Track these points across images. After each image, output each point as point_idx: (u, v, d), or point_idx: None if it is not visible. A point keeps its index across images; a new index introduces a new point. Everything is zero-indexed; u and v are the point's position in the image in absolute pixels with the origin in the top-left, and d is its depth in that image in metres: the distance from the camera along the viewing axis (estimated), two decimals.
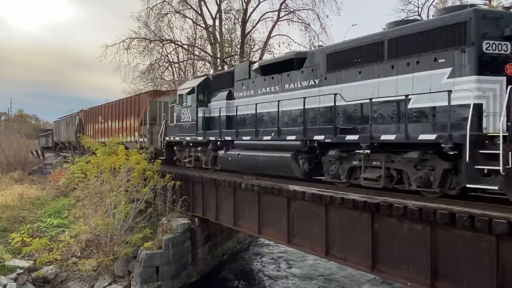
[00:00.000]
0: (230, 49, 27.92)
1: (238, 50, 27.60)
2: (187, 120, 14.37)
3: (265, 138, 10.65)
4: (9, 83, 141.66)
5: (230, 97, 12.78)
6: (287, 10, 28.09)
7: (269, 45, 28.45)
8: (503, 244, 5.63)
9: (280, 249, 17.23)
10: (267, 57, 26.59)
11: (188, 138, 14.25)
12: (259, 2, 28.19)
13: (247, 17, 28.35)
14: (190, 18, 29.48)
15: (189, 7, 28.89)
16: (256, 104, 11.12)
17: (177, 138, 14.94)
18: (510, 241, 5.54)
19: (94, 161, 14.04)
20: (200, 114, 13.53)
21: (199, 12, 28.71)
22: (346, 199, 7.71)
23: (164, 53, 30.39)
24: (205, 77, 14.50)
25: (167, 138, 15.62)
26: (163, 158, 15.66)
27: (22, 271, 11.70)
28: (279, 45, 28.03)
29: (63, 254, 12.02)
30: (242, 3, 28.16)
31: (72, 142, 28.32)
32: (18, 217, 15.52)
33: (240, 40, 28.31)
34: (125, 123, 20.16)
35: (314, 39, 27.42)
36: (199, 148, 13.91)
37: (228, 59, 26.39)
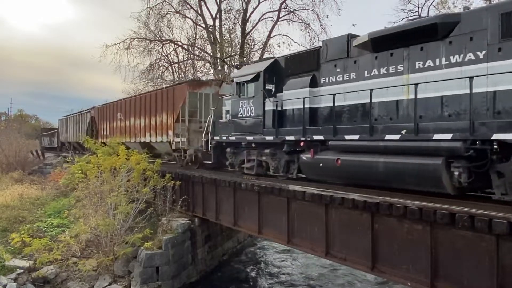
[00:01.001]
0: (230, 49, 27.96)
1: (238, 50, 27.62)
2: (247, 115, 11.44)
3: (388, 137, 7.68)
4: (9, 83, 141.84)
5: (313, 83, 9.79)
6: (287, 10, 28.17)
7: (269, 45, 28.53)
8: (503, 244, 5.63)
9: (280, 249, 17.23)
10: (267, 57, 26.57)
11: (250, 138, 11.29)
12: (259, 2, 28.28)
13: (247, 17, 28.40)
14: (190, 18, 29.58)
15: (189, 7, 28.99)
16: (357, 91, 8.60)
17: (233, 138, 11.97)
18: (510, 241, 5.54)
19: (95, 161, 14.04)
20: (269, 107, 10.69)
21: (199, 12, 28.78)
22: (346, 199, 7.71)
23: (164, 53, 30.50)
24: (273, 59, 11.34)
25: (216, 138, 12.72)
26: (208, 162, 13.14)
27: (22, 271, 11.70)
28: (279, 45, 28.11)
29: (63, 254, 12.02)
30: (242, 3, 28.23)
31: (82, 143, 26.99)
32: (18, 217, 15.52)
33: (240, 40, 28.34)
34: (154, 120, 17.12)
35: (314, 39, 27.49)
36: (266, 151, 10.84)
37: (228, 59, 26.40)
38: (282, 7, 27.98)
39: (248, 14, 28.34)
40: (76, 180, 13.98)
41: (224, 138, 12.38)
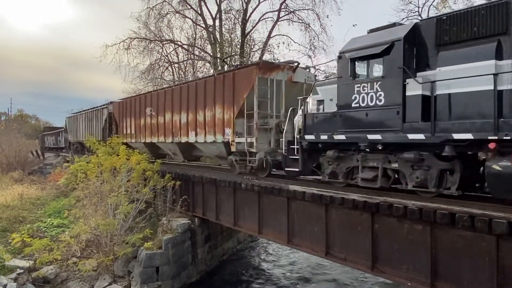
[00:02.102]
0: (230, 49, 27.94)
1: (238, 50, 27.61)
2: (370, 104, 8.12)
3: None
4: (9, 83, 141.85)
5: (499, 54, 6.52)
6: (287, 10, 28.12)
7: (269, 45, 28.49)
8: (503, 244, 5.63)
9: (281, 249, 17.25)
10: (266, 57, 26.50)
11: (375, 137, 7.97)
12: (259, 2, 28.23)
13: (247, 17, 28.38)
14: (190, 18, 29.56)
15: (189, 7, 28.95)
16: None
17: (340, 137, 8.63)
18: (510, 241, 5.54)
19: (95, 161, 14.04)
20: (414, 92, 7.40)
21: (199, 12, 28.77)
22: (346, 199, 7.71)
23: (164, 53, 30.47)
24: (413, 24, 8.01)
25: (309, 138, 9.47)
26: (290, 169, 10.09)
27: (22, 271, 11.70)
28: (279, 45, 28.08)
29: (63, 254, 12.03)
30: (242, 3, 28.21)
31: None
32: (18, 217, 15.54)
33: (240, 40, 28.33)
34: (202, 115, 13.75)
35: (314, 39, 27.47)
36: (405, 155, 7.64)
37: (228, 59, 26.40)
38: (282, 7, 27.97)
39: (248, 14, 28.34)
40: (77, 180, 13.97)
41: (324, 137, 9.04)
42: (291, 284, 13.78)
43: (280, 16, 28.13)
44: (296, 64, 12.56)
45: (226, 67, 25.06)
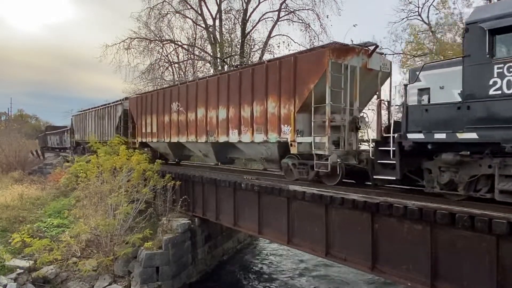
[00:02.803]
0: (230, 49, 27.93)
1: (238, 50, 27.62)
2: None
3: None
4: (9, 83, 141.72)
5: None
6: (287, 10, 28.12)
7: (269, 45, 28.49)
8: (503, 244, 5.64)
9: (280, 249, 17.25)
10: (267, 57, 26.48)
11: None
12: (259, 2, 28.24)
13: (247, 17, 28.38)
14: (190, 18, 29.58)
15: (189, 7, 28.98)
16: None
17: (469, 136, 6.57)
18: (510, 241, 5.54)
19: (95, 161, 14.04)
20: None
21: (199, 12, 28.78)
22: (346, 199, 7.72)
23: (164, 53, 30.44)
24: None
25: (415, 136, 7.36)
26: (378, 177, 8.33)
27: (22, 271, 11.71)
28: (279, 45, 28.08)
29: (63, 254, 12.04)
30: (242, 3, 28.22)
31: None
32: (18, 217, 15.54)
33: (240, 40, 28.32)
34: (249, 110, 11.48)
35: (314, 39, 27.45)
36: None
37: (228, 59, 26.41)
38: (282, 7, 27.99)
39: (248, 14, 28.36)
40: (80, 180, 13.95)
41: (442, 136, 6.90)
42: (291, 284, 13.78)
43: (280, 16, 28.16)
44: (373, 47, 10.17)
45: (226, 67, 25.05)
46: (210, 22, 28.85)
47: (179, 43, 30.07)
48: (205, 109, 13.50)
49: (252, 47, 29.46)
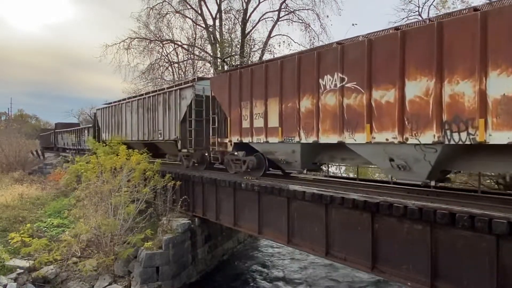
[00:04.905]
0: (230, 49, 27.92)
1: (238, 50, 27.62)
2: None
3: None
4: (9, 83, 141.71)
5: None
6: (287, 10, 28.13)
7: (269, 45, 28.48)
8: (503, 244, 5.63)
9: (280, 249, 17.25)
10: (267, 57, 26.46)
11: None
12: (259, 2, 28.25)
13: (247, 17, 28.38)
14: (190, 18, 29.57)
15: (189, 7, 28.97)
16: None
17: None
18: (510, 241, 5.54)
19: (95, 161, 14.04)
20: None
21: (199, 12, 28.78)
22: (346, 199, 7.71)
23: (164, 53, 30.44)
24: None
25: None
26: None
27: (22, 271, 11.70)
28: (279, 45, 28.08)
29: (63, 254, 12.04)
30: (242, 3, 28.22)
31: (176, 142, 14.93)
32: (18, 217, 15.55)
33: (240, 40, 28.31)
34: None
35: (314, 39, 27.45)
36: None
37: (228, 59, 26.41)
38: (282, 7, 27.99)
39: (248, 14, 28.36)
40: (82, 179, 13.94)
41: None
42: (291, 283, 13.78)
43: (280, 16, 28.16)
44: None
45: (226, 67, 25.03)
46: (210, 22, 28.89)
47: (179, 43, 30.08)
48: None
49: (252, 47, 29.46)
